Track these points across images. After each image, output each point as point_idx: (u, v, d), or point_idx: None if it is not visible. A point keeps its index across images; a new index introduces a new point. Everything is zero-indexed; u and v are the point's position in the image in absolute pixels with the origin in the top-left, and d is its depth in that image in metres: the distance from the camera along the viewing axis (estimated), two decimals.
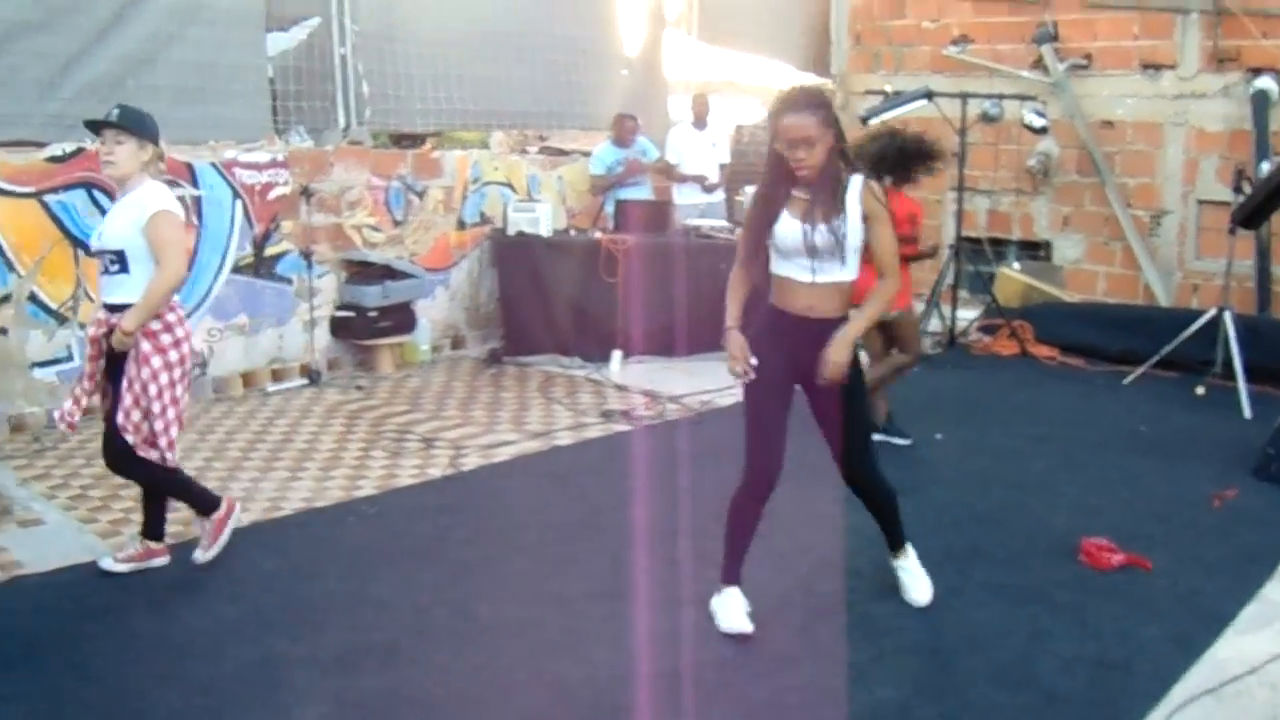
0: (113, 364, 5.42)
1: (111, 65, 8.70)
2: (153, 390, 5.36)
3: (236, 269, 9.30)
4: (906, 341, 7.75)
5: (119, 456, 5.52)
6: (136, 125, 5.43)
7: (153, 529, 5.77)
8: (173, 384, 5.44)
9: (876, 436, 7.69)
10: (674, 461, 7.52)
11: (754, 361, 4.93)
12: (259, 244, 9.42)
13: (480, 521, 6.50)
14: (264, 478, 7.19)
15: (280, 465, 7.44)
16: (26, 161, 8.03)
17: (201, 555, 5.75)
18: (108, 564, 5.66)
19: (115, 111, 5.42)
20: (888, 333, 7.67)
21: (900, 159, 7.50)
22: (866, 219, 4.89)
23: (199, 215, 8.97)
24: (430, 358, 10.54)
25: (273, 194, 9.44)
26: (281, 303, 9.63)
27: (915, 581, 5.51)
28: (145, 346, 5.33)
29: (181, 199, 8.57)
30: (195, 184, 8.93)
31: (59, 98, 8.47)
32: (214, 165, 9.08)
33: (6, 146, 8.05)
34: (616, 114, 11.73)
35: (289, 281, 9.65)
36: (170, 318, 5.41)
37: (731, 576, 5.24)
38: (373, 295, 9.79)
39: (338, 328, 9.95)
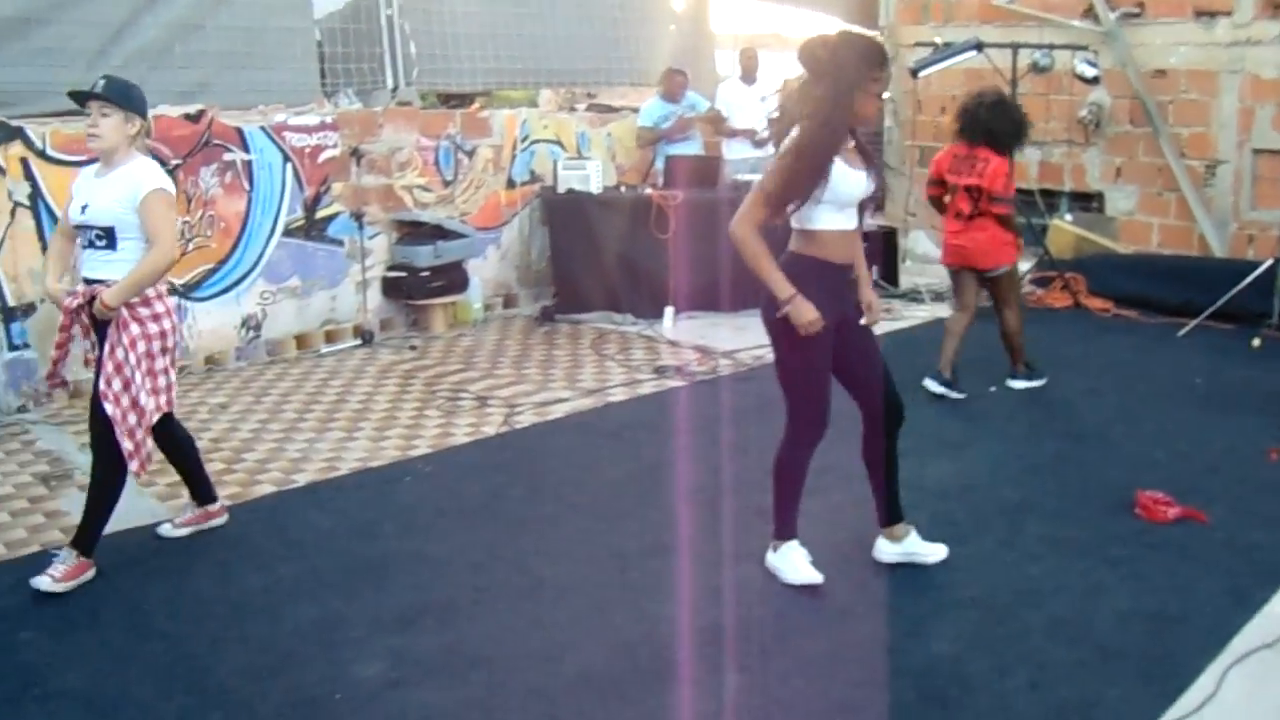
0: (101, 334, 5.31)
1: (159, 32, 8.75)
2: (131, 358, 5.19)
3: (288, 232, 9.34)
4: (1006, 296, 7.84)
5: (100, 430, 5.31)
6: (122, 97, 5.26)
7: (202, 494, 5.79)
8: (150, 355, 5.26)
9: (935, 389, 7.75)
10: (727, 416, 7.53)
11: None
12: (310, 207, 9.46)
13: (535, 479, 6.53)
14: (320, 438, 7.24)
15: (335, 426, 7.49)
16: (77, 130, 8.06)
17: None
18: (167, 530, 5.71)
19: (100, 82, 5.26)
20: (989, 288, 7.75)
21: (1017, 130, 7.63)
22: None
23: (250, 179, 9.01)
24: (483, 316, 10.57)
25: (322, 156, 9.46)
26: (333, 264, 9.67)
27: (927, 545, 5.46)
28: (124, 313, 5.17)
29: (232, 163, 8.64)
30: (246, 148, 8.96)
31: (108, 65, 8.49)
32: (264, 129, 9.11)
33: (58, 116, 8.10)
34: (666, 69, 11.70)
35: (340, 243, 9.69)
36: (150, 292, 5.24)
37: (792, 530, 5.23)
38: (424, 255, 9.82)
39: (390, 288, 9.99)
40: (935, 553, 5.44)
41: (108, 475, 5.33)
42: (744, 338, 9.52)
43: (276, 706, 4.24)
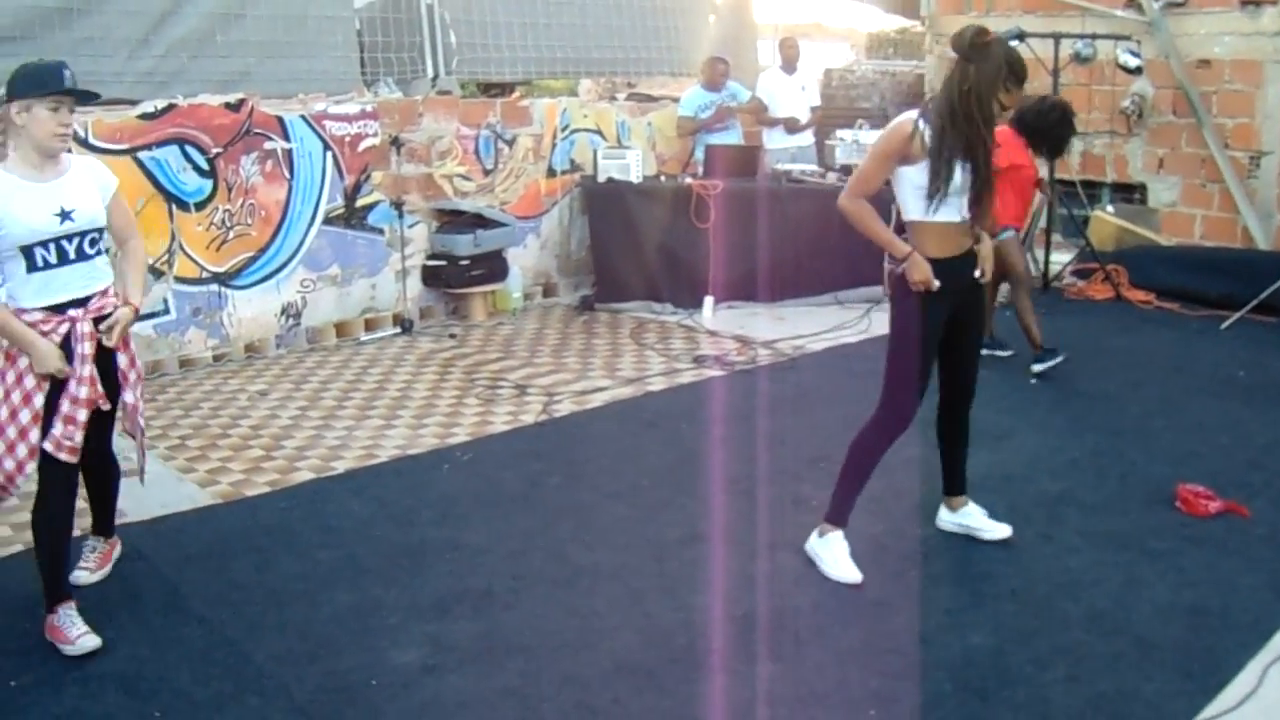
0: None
1: (200, 21, 8.81)
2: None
3: (328, 220, 9.36)
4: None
5: (107, 453, 5.10)
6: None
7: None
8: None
9: (1038, 368, 8.03)
10: (766, 406, 7.53)
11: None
12: (350, 195, 9.48)
13: (573, 467, 6.54)
14: (359, 426, 7.26)
15: (374, 413, 7.52)
16: (120, 119, 8.12)
17: None
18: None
19: (69, 75, 4.61)
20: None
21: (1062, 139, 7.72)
22: None
23: (290, 168, 9.04)
24: (522, 305, 10.57)
25: (363, 145, 9.49)
26: (373, 253, 9.70)
27: (990, 521, 5.54)
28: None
29: (273, 152, 8.68)
30: (286, 137, 8.99)
31: (150, 55, 8.59)
32: (304, 118, 9.14)
33: (100, 105, 8.14)
34: (707, 57, 11.68)
35: (380, 232, 9.71)
36: None
37: (845, 519, 5.24)
38: (464, 244, 9.83)
39: (429, 277, 10.01)
40: (995, 530, 5.50)
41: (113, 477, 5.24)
42: (783, 328, 9.52)
43: (313, 692, 4.26)
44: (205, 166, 8.50)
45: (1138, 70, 11.15)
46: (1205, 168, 11.69)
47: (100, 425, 4.91)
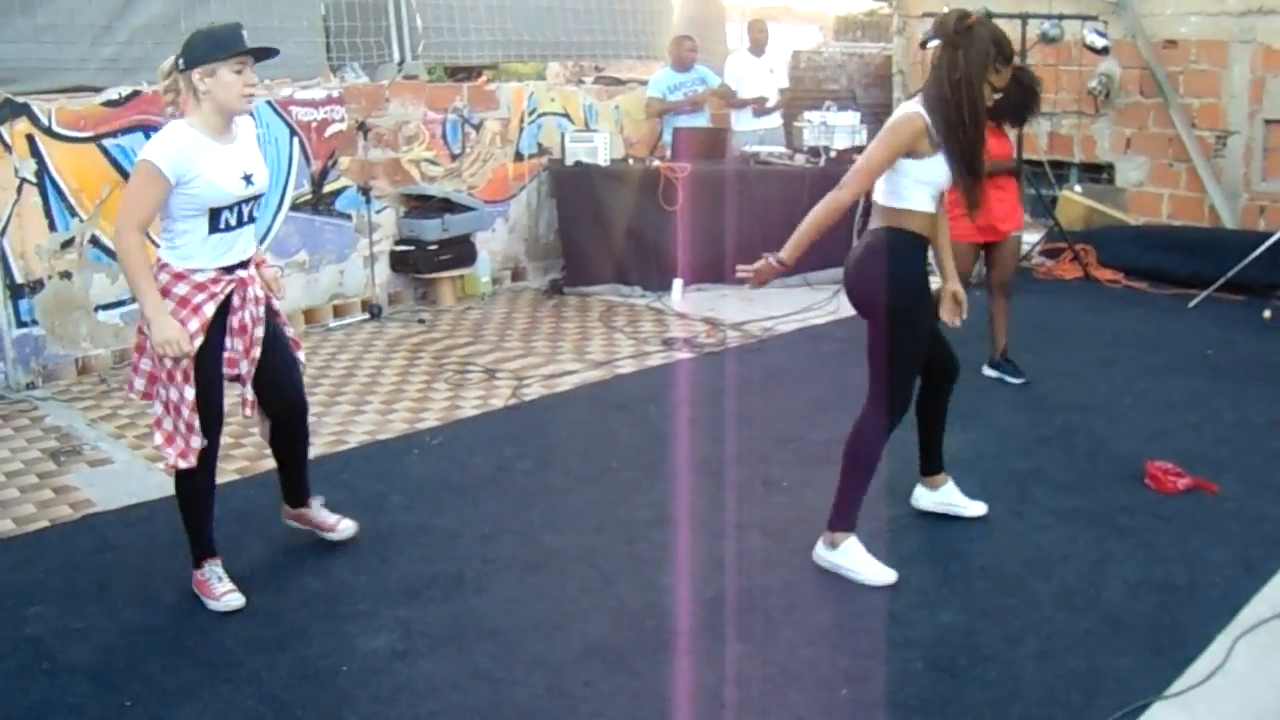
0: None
1: (165, 7, 8.74)
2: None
3: (295, 206, 9.32)
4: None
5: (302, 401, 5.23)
6: None
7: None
8: None
9: (990, 372, 7.73)
10: (736, 388, 7.54)
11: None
12: (317, 181, 9.44)
13: (543, 451, 6.53)
14: (328, 412, 7.24)
15: (344, 399, 7.49)
16: (84, 106, 8.07)
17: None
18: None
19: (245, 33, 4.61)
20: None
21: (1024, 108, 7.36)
22: None
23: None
24: (491, 290, 10.56)
25: (329, 131, 9.44)
26: (341, 239, 9.66)
27: (967, 499, 5.57)
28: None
29: None
30: (252, 122, 8.93)
31: (114, 41, 8.53)
32: (270, 103, 9.09)
33: (64, 92, 8.09)
34: (674, 36, 11.65)
35: (348, 217, 9.68)
36: None
37: (853, 522, 5.04)
38: (432, 229, 9.80)
39: (398, 262, 9.98)
40: (973, 508, 5.53)
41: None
42: (752, 309, 9.53)
43: (284, 678, 4.24)
44: None
45: (1104, 50, 11.17)
46: (1172, 147, 11.74)
47: (295, 380, 5.14)
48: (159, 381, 4.68)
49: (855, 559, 4.99)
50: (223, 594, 4.76)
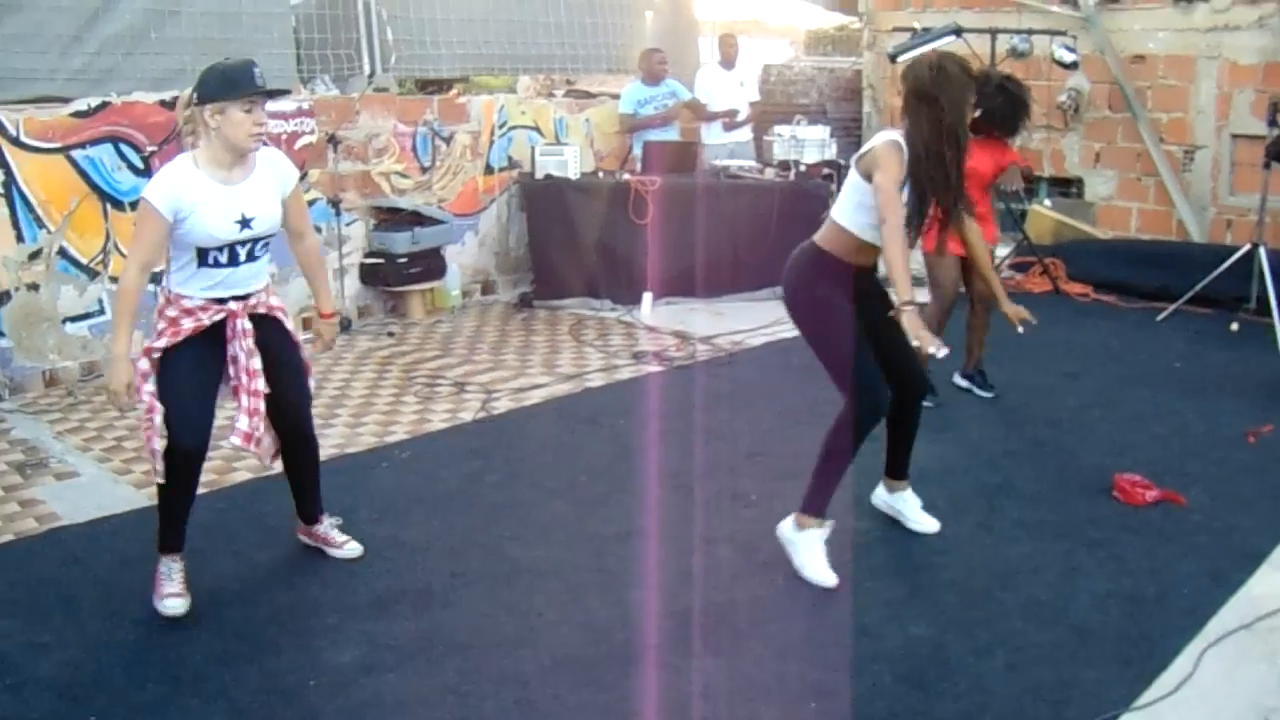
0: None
1: (135, 18, 8.70)
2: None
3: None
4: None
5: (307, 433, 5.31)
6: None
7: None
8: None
9: (960, 382, 7.79)
10: (705, 402, 7.53)
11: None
12: None
13: (512, 464, 6.51)
14: None
15: (313, 413, 7.44)
16: (52, 117, 8.03)
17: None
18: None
19: (259, 73, 4.70)
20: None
21: (1017, 110, 7.31)
22: None
23: None
24: (461, 303, 10.54)
25: (299, 143, 9.42)
26: None
27: (921, 513, 5.61)
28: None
29: None
30: None
31: (84, 52, 8.48)
32: None
33: (33, 103, 8.05)
34: (643, 49, 11.66)
35: (318, 230, 9.61)
36: None
37: (823, 508, 5.14)
38: (402, 242, 9.78)
39: (367, 275, 9.95)
40: (924, 524, 5.56)
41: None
42: (722, 323, 9.54)
43: (252, 693, 4.21)
44: (140, 165, 8.40)
45: (1074, 65, 11.23)
46: (1141, 162, 11.81)
47: (297, 405, 5.15)
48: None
49: (806, 550, 5.11)
50: (166, 594, 4.79)
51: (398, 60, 10.56)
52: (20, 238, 7.86)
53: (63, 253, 8.07)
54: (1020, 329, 5.39)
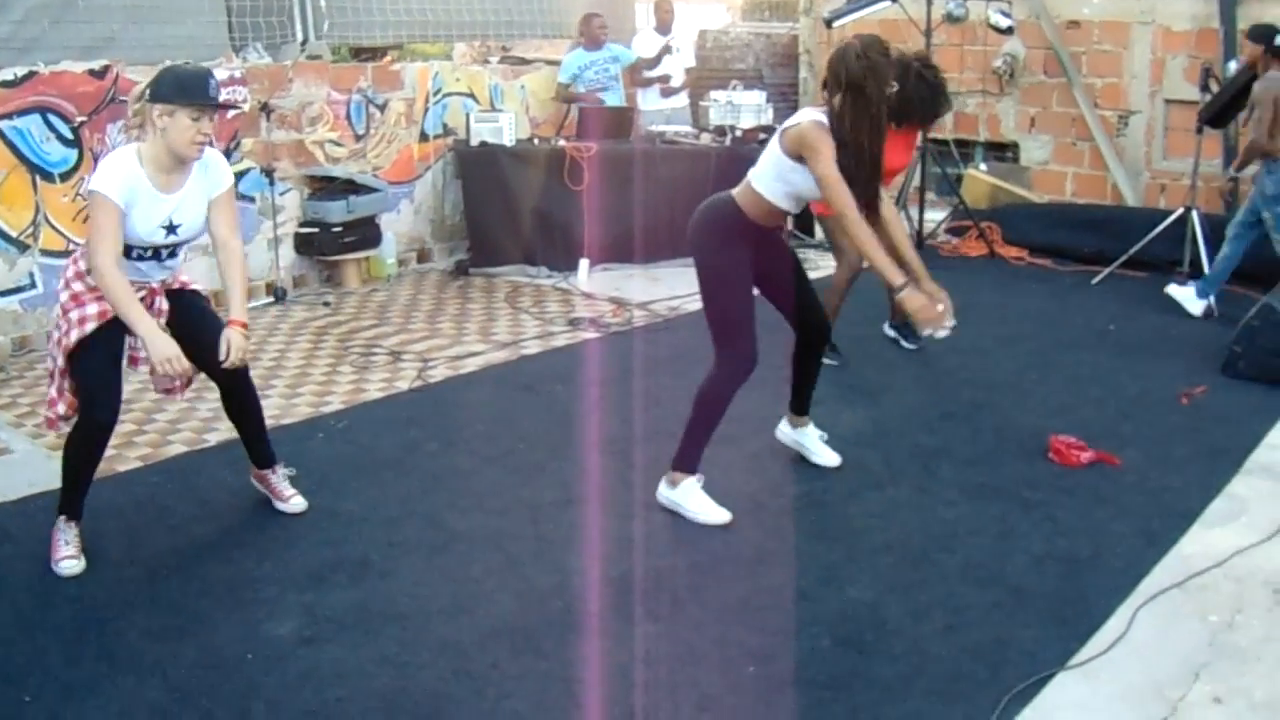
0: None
1: None
2: None
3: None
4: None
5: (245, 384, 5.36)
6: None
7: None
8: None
9: (889, 332, 8.02)
10: (642, 367, 7.53)
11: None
12: None
13: (449, 433, 6.49)
14: None
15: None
16: None
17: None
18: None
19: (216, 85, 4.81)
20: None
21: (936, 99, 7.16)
22: None
23: None
24: (396, 271, 10.47)
25: (231, 112, 9.31)
26: (245, 221, 9.50)
27: (823, 446, 5.82)
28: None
29: None
30: None
31: (9, 20, 8.33)
32: None
33: None
34: (583, 14, 11.59)
35: (251, 200, 9.54)
36: None
37: (696, 464, 5.36)
38: (336, 210, 9.70)
39: (302, 244, 9.87)
40: (825, 456, 5.80)
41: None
42: (658, 289, 9.53)
43: (189, 668, 4.17)
44: (69, 136, 8.27)
45: (1009, 30, 11.26)
46: (1076, 126, 11.89)
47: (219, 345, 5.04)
48: (51, 344, 4.94)
49: (691, 499, 5.30)
50: (61, 558, 4.89)
51: (331, 27, 10.46)
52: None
53: None
54: (928, 332, 5.34)
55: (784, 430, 5.93)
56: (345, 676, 4.11)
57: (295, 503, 5.46)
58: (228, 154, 9.20)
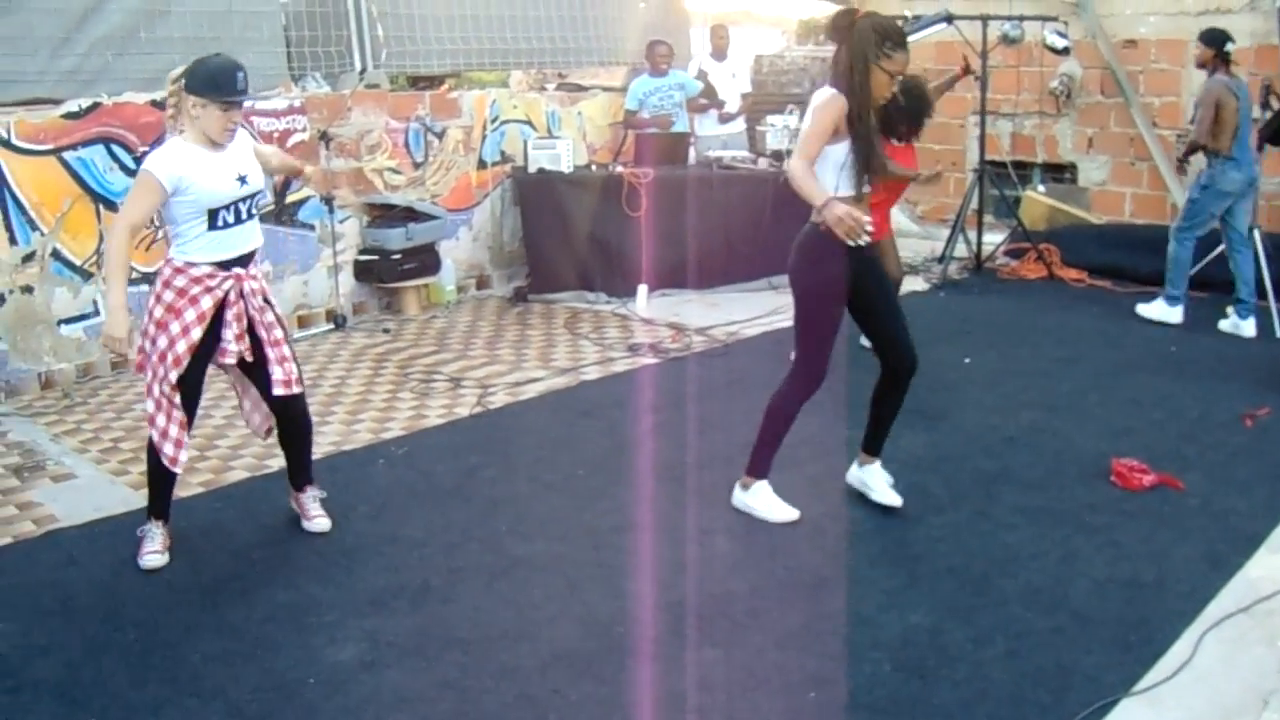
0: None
1: (125, 18, 8.67)
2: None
3: (259, 217, 9.22)
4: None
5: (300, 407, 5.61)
6: None
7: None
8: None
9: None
10: (700, 393, 7.53)
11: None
12: (280, 191, 9.38)
13: (509, 459, 6.51)
14: None
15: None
16: (44, 119, 8.00)
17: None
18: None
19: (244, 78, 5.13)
20: None
21: (921, 107, 7.35)
22: None
23: None
24: (455, 298, 10.51)
25: (291, 141, 9.39)
26: (305, 249, 9.61)
27: (887, 488, 5.73)
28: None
29: None
30: None
31: (73, 53, 8.45)
32: None
33: (23, 105, 8.03)
34: (649, 41, 11.61)
35: (311, 228, 9.63)
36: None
37: (767, 469, 5.56)
38: (396, 238, 9.76)
39: (362, 272, 9.94)
40: (888, 497, 5.66)
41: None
42: (716, 314, 9.55)
43: (250, 691, 4.21)
44: (132, 166, 8.35)
45: (1065, 51, 11.22)
46: (1134, 146, 11.81)
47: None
48: (150, 370, 5.19)
49: (761, 500, 5.52)
50: (147, 552, 5.22)
51: (388, 56, 10.54)
52: (13, 240, 7.83)
53: (56, 255, 8.04)
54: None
55: (852, 473, 5.84)
56: (407, 702, 4.13)
57: (319, 523, 5.61)
58: (287, 183, 9.29)
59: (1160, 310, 9.28)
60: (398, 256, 9.79)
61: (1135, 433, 6.67)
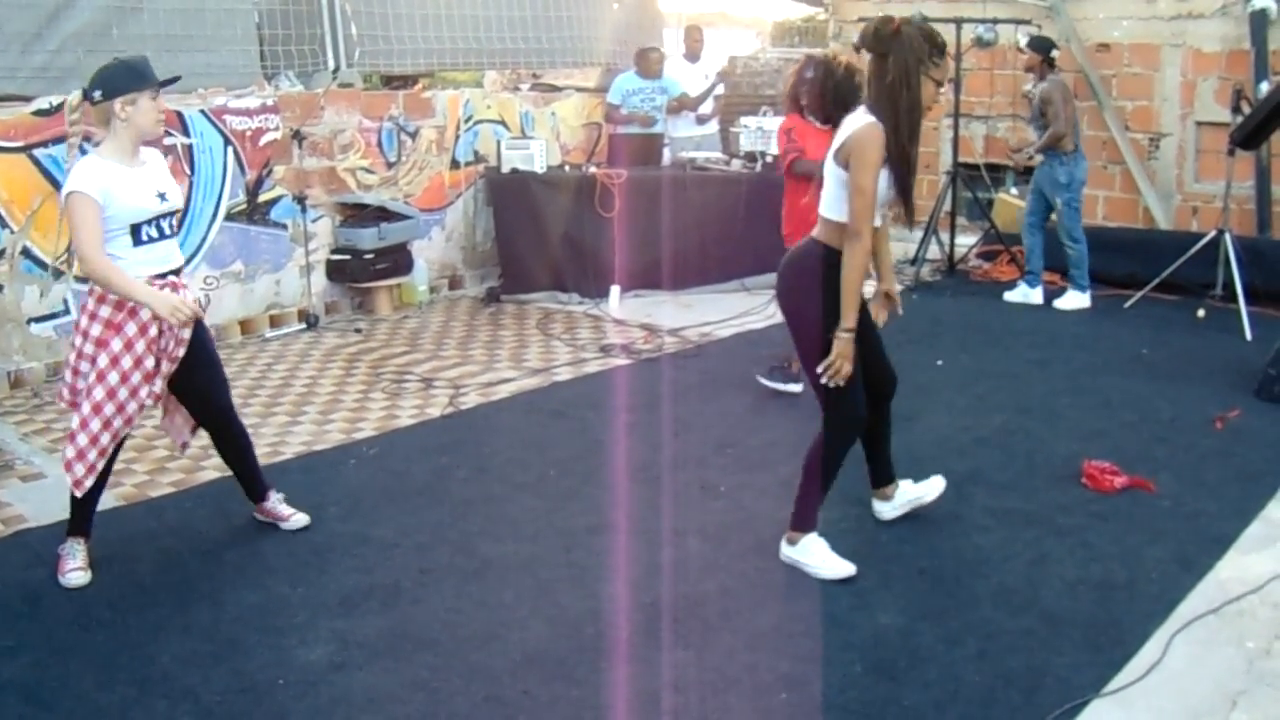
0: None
1: (96, 15, 8.62)
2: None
3: (230, 216, 9.22)
4: None
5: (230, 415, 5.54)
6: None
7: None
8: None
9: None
10: (673, 394, 7.53)
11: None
12: (252, 190, 9.35)
13: (481, 459, 6.49)
14: (264, 423, 7.17)
15: (280, 410, 7.43)
16: (14, 116, 7.96)
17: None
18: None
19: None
20: None
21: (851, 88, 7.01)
22: None
23: (191, 164, 8.89)
24: (428, 298, 10.51)
25: (264, 139, 9.37)
26: (277, 248, 9.58)
27: (922, 484, 5.58)
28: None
29: (173, 147, 8.54)
30: (186, 132, 8.85)
31: (44, 50, 8.40)
32: (204, 113, 8.99)
33: None
34: (641, 47, 11.60)
35: (284, 227, 9.60)
36: None
37: (815, 522, 5.10)
38: (368, 237, 9.74)
39: (334, 271, 9.91)
40: (933, 488, 5.56)
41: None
42: (689, 315, 9.56)
43: (220, 693, 4.18)
44: None
45: None
46: (1106, 149, 11.86)
47: (213, 393, 5.39)
48: (81, 393, 5.09)
49: (813, 554, 5.05)
50: (69, 570, 5.07)
51: (362, 55, 10.51)
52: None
53: (26, 253, 8.00)
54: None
55: (884, 508, 5.56)
56: (377, 702, 4.11)
57: (297, 519, 5.61)
58: (260, 181, 9.26)
59: (1074, 300, 9.95)
60: (370, 256, 9.78)
61: (1107, 434, 6.69)
